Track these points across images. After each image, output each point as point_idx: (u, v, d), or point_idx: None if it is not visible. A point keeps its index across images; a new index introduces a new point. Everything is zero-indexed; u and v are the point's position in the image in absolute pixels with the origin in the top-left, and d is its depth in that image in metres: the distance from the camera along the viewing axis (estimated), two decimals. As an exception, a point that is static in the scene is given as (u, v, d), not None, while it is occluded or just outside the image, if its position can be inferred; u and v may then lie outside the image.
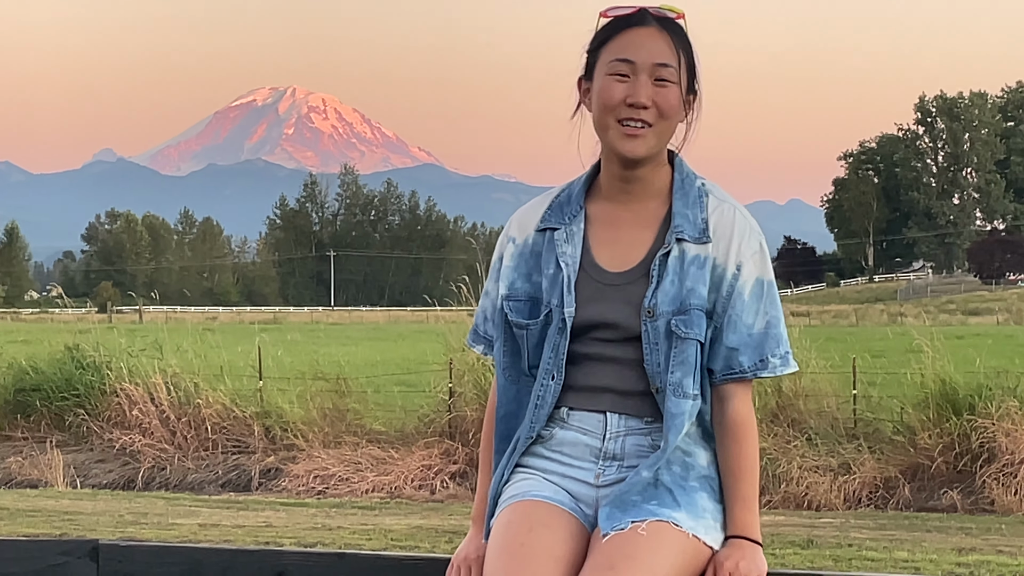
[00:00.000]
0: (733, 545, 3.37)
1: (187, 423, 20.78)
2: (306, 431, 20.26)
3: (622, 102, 3.40)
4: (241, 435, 20.71)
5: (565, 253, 3.46)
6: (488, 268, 3.71)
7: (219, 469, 20.26)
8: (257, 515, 15.24)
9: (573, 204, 3.53)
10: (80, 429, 21.07)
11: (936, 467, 17.70)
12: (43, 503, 16.34)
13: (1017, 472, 17.08)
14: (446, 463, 19.25)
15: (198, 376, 21.50)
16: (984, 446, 17.48)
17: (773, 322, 3.47)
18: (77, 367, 21.87)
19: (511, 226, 3.59)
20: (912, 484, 17.75)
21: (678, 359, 3.38)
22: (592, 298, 3.43)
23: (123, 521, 14.36)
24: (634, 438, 3.43)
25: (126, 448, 20.57)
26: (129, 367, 21.58)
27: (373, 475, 19.15)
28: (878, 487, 17.83)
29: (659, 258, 3.41)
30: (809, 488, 17.62)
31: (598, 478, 3.43)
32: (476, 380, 19.42)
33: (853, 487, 17.72)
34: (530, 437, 3.46)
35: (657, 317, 3.38)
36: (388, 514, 15.70)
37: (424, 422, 20.27)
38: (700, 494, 3.39)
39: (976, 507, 17.02)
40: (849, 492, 17.68)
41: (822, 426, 18.93)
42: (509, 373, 3.54)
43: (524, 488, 3.43)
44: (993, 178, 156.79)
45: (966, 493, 17.35)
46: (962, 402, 17.93)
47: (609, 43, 3.46)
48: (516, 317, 3.49)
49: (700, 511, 3.36)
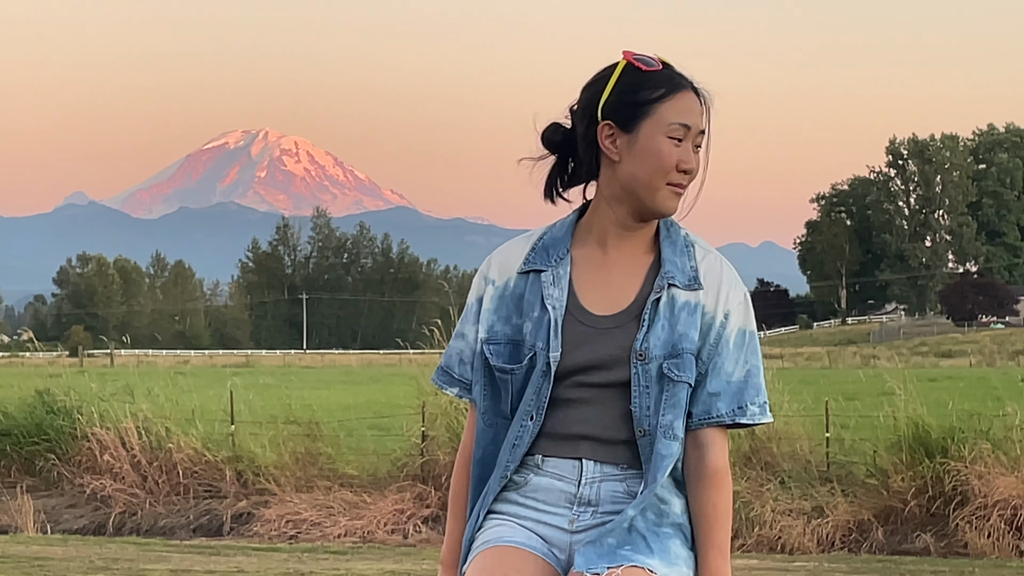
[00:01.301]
0: None
1: (158, 468, 20.73)
2: (278, 475, 20.22)
3: (675, 167, 3.43)
4: (213, 480, 20.66)
5: (552, 296, 3.47)
6: (460, 310, 3.69)
7: (191, 514, 20.20)
8: (229, 560, 15.20)
9: (559, 247, 3.53)
10: (50, 474, 21.00)
11: (909, 510, 17.72)
12: (13, 549, 16.26)
13: (990, 515, 17.11)
14: (419, 507, 19.22)
15: (169, 420, 21.46)
16: (957, 489, 17.51)
17: (753, 371, 3.50)
18: (48, 412, 21.81)
19: (490, 268, 3.58)
20: (885, 527, 17.77)
21: (669, 402, 3.40)
22: (579, 341, 3.44)
23: (93, 567, 14.31)
24: (609, 484, 3.44)
25: (97, 493, 20.50)
26: (100, 412, 21.53)
27: (345, 519, 19.11)
28: (851, 530, 17.84)
29: (651, 303, 3.43)
30: (783, 531, 17.63)
31: (572, 524, 3.44)
32: (449, 424, 19.42)
33: (826, 530, 17.74)
34: (504, 476, 3.47)
35: (649, 360, 3.40)
36: (360, 559, 15.67)
37: (397, 466, 20.24)
38: (674, 541, 3.40)
39: (949, 550, 17.03)
40: (822, 535, 17.69)
41: (795, 469, 18.95)
42: (488, 418, 3.53)
43: (497, 534, 3.43)
44: (965, 220, 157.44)
45: (939, 536, 17.37)
46: (935, 445, 17.96)
47: (666, 101, 3.44)
48: (498, 361, 3.49)
49: (674, 557, 3.37)
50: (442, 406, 19.92)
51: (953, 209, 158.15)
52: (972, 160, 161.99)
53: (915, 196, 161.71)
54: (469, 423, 3.59)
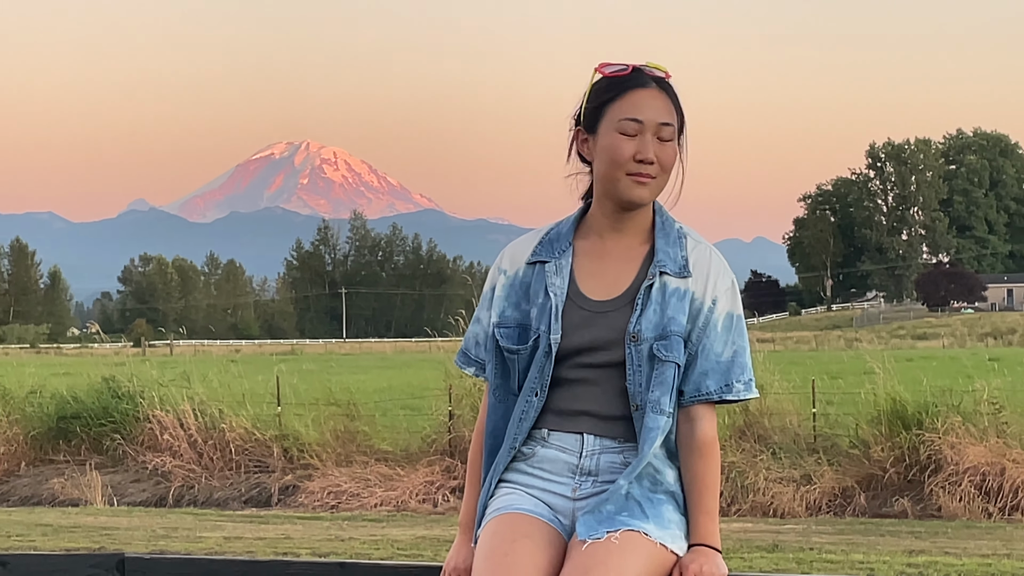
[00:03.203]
0: (697, 551, 3.37)
1: (213, 446, 20.74)
2: (320, 452, 20.23)
3: (631, 158, 3.42)
4: (262, 456, 20.67)
5: (554, 284, 3.47)
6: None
7: (242, 487, 20.21)
8: (276, 528, 15.20)
9: (563, 240, 3.54)
10: (116, 452, 21.03)
11: (888, 477, 17.68)
12: (83, 520, 16.29)
13: (961, 481, 17.07)
14: (447, 479, 19.22)
15: (223, 403, 21.47)
16: (931, 458, 17.47)
17: (740, 352, 3.49)
18: (113, 396, 21.84)
19: (502, 260, 3.60)
20: (867, 493, 17.74)
21: (658, 379, 3.39)
22: (579, 325, 3.43)
23: (155, 535, 14.32)
24: (608, 456, 3.43)
25: (158, 469, 20.52)
26: (160, 396, 21.55)
27: (381, 491, 19.11)
28: (836, 496, 17.81)
29: (643, 289, 3.43)
30: (774, 497, 17.60)
31: (575, 492, 3.43)
32: (473, 404, 19.41)
33: (814, 496, 17.70)
34: (512, 448, 3.47)
35: (641, 342, 3.39)
36: (395, 526, 15.67)
37: (427, 442, 20.24)
38: (666, 506, 3.40)
39: (925, 513, 17.00)
40: (810, 501, 17.66)
41: (785, 441, 18.92)
42: (499, 394, 3.54)
43: (508, 502, 3.43)
44: (937, 216, 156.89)
45: (915, 500, 17.33)
46: (911, 418, 17.93)
47: (616, 102, 3.45)
48: (506, 343, 3.50)
49: (666, 522, 3.37)
50: (467, 388, 19.92)
51: (927, 206, 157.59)
52: (943, 161, 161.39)
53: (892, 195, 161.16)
54: (484, 401, 3.59)
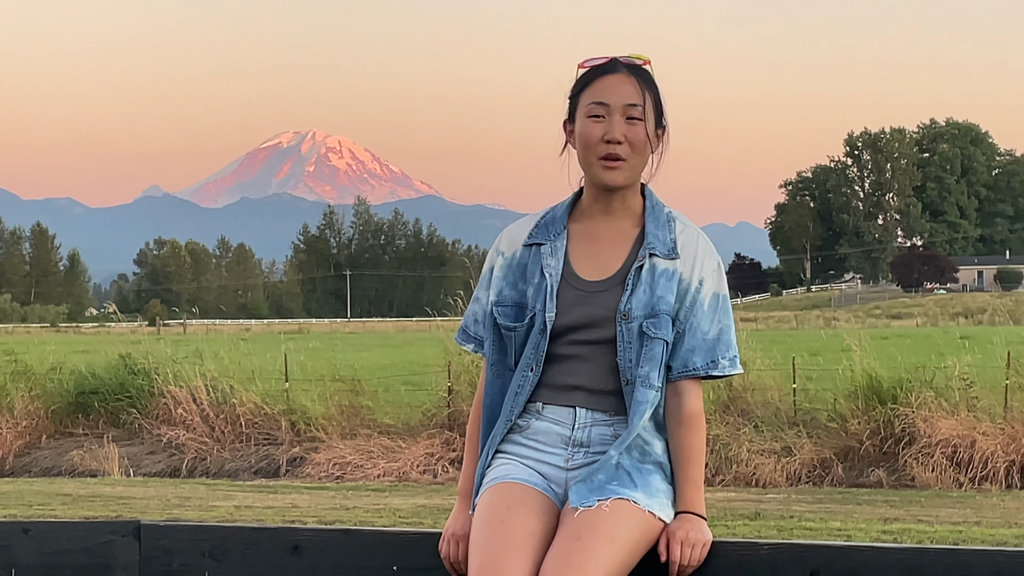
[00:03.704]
0: (683, 519, 3.37)
1: (224, 419, 20.74)
2: (326, 425, 20.24)
3: (600, 140, 3.42)
4: (271, 429, 20.68)
5: (549, 265, 3.47)
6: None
7: (252, 458, 20.23)
8: (284, 498, 15.22)
9: (558, 223, 3.54)
10: (132, 426, 21.04)
11: (864, 449, 17.71)
12: (101, 490, 16.31)
13: (934, 452, 17.09)
14: (446, 451, 19.23)
15: (233, 379, 21.46)
16: (905, 431, 17.49)
17: (725, 330, 3.49)
18: (130, 373, 21.84)
19: (500, 242, 3.60)
20: (844, 464, 17.76)
21: (647, 355, 3.39)
22: (572, 303, 3.43)
23: (169, 504, 14.34)
24: (599, 428, 3.44)
25: (172, 442, 20.53)
26: (174, 372, 21.54)
27: (384, 462, 19.12)
28: (815, 467, 17.83)
29: (634, 270, 3.43)
30: (757, 468, 17.62)
31: (567, 462, 3.44)
32: (471, 380, 19.41)
33: (794, 467, 17.73)
34: (509, 420, 3.47)
35: (631, 320, 3.40)
36: (397, 495, 15.69)
37: (427, 416, 20.25)
38: (655, 476, 3.40)
39: (899, 483, 17.03)
40: (791, 471, 17.68)
41: (767, 415, 18.94)
42: (496, 369, 3.54)
43: (504, 472, 3.43)
44: (912, 202, 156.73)
45: (891, 471, 17.36)
46: (886, 393, 17.94)
47: (586, 90, 3.47)
48: (504, 321, 3.50)
49: (654, 491, 3.37)
50: (465, 365, 19.92)
51: (901, 192, 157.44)
52: (917, 150, 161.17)
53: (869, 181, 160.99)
54: (483, 376, 3.60)
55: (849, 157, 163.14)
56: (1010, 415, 17.53)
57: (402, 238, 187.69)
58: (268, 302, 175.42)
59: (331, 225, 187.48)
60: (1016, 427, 17.20)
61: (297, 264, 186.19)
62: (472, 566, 3.24)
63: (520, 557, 3.22)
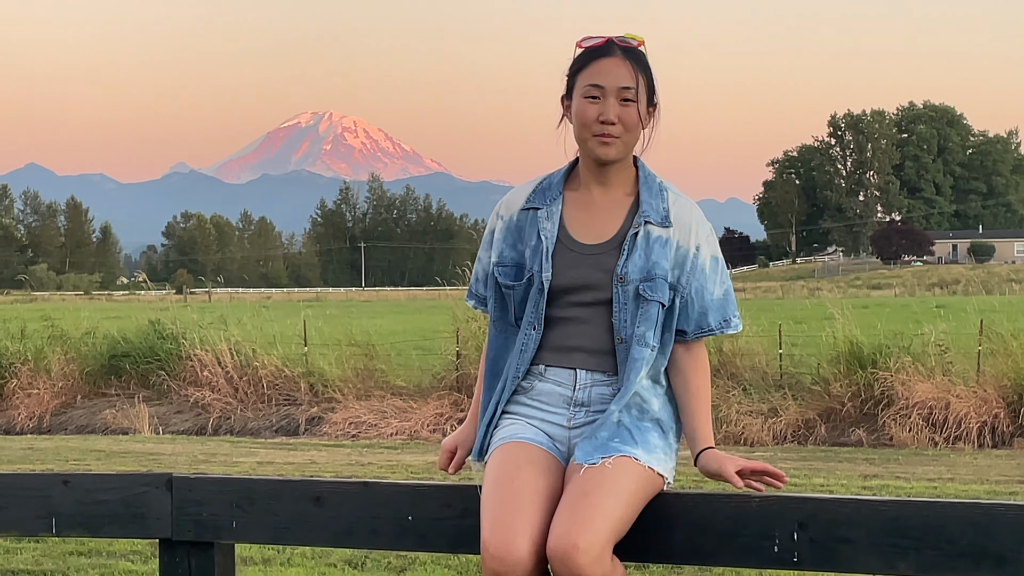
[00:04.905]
0: (712, 453, 3.39)
1: (247, 381, 20.78)
2: (342, 387, 20.28)
3: (595, 119, 3.43)
4: (290, 391, 20.72)
5: (545, 228, 3.48)
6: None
7: (273, 418, 20.27)
8: (303, 454, 15.25)
9: (554, 189, 3.55)
10: (161, 387, 21.08)
11: (846, 410, 17.73)
12: (132, 446, 16.35)
13: (911, 414, 17.12)
14: (455, 411, 19.27)
15: (256, 343, 21.50)
16: (884, 393, 17.51)
17: (728, 290, 3.54)
18: (159, 337, 21.87)
19: (501, 207, 3.61)
20: (827, 424, 17.79)
21: (643, 316, 3.41)
22: (569, 265, 3.45)
23: (196, 460, 14.37)
24: (599, 388, 3.45)
25: (198, 402, 20.58)
26: (200, 337, 21.58)
27: (396, 422, 19.16)
28: (800, 427, 17.86)
29: (630, 236, 3.44)
30: (745, 428, 17.65)
31: (570, 421, 3.45)
32: (477, 345, 19.43)
33: (780, 427, 17.75)
34: (516, 377, 3.49)
35: (627, 283, 3.41)
36: (408, 452, 15.72)
37: (437, 379, 20.28)
38: (652, 433, 3.41)
39: (878, 442, 17.05)
40: (777, 431, 17.71)
41: (755, 379, 18.96)
42: (499, 325, 3.56)
43: (511, 431, 3.45)
44: (891, 179, 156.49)
45: (870, 431, 17.38)
46: (866, 358, 17.96)
47: (583, 71, 3.48)
48: (504, 280, 3.51)
49: (652, 447, 3.38)
50: (472, 331, 19.94)
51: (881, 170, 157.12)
52: (896, 131, 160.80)
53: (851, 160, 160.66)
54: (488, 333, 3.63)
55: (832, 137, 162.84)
56: (982, 379, 17.55)
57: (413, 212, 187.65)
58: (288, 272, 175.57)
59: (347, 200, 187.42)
60: (988, 390, 17.22)
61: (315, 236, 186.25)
62: (485, 523, 3.26)
63: (531, 514, 3.24)
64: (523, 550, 3.19)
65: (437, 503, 3.50)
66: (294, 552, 8.56)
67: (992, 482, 12.06)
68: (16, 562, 8.47)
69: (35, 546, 8.89)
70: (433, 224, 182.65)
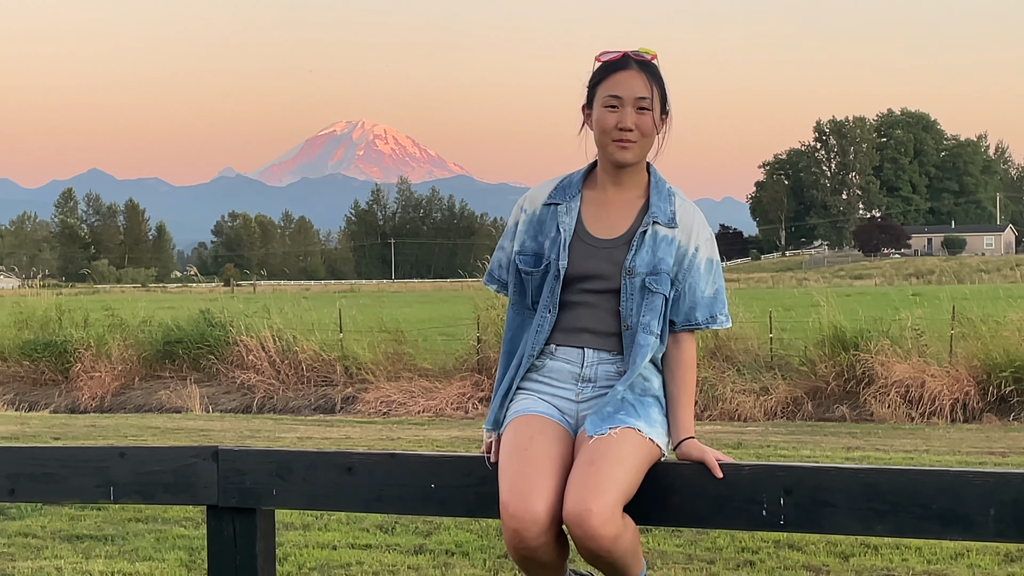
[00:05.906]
0: (694, 442, 3.41)
1: (288, 364, 20.83)
2: (374, 369, 20.31)
3: (615, 126, 3.46)
4: (327, 373, 20.77)
5: (564, 222, 3.51)
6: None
7: (311, 397, 20.32)
8: (339, 430, 15.28)
9: (573, 188, 3.58)
10: (211, 370, 21.16)
11: (830, 389, 17.71)
12: (184, 423, 16.40)
13: (890, 392, 17.09)
14: (476, 391, 19.29)
15: (296, 330, 21.56)
16: (865, 373, 17.49)
17: (719, 290, 3.55)
18: (208, 325, 21.96)
19: (524, 201, 3.64)
20: (813, 401, 17.77)
21: (648, 307, 3.44)
22: (583, 256, 3.47)
23: (242, 436, 14.41)
24: (604, 366, 3.47)
25: (244, 383, 20.64)
26: (246, 325, 21.65)
27: (423, 400, 19.19)
28: (789, 404, 17.84)
29: (639, 233, 3.46)
30: (739, 405, 17.64)
31: (578, 396, 3.47)
32: (497, 331, 19.47)
33: (770, 404, 17.74)
34: (531, 355, 3.51)
35: (635, 275, 3.44)
36: (434, 428, 15.74)
37: (460, 361, 20.31)
38: (653, 408, 3.44)
39: (860, 417, 17.03)
40: (768, 408, 17.70)
41: (748, 360, 18.95)
42: (516, 308, 3.59)
43: (525, 405, 3.47)
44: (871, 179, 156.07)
45: (853, 407, 17.36)
46: (849, 342, 17.94)
47: (603, 82, 3.51)
48: (524, 266, 3.54)
49: (653, 421, 3.41)
50: (492, 319, 19.96)
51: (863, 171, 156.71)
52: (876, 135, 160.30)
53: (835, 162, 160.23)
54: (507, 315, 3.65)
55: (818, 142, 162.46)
56: (954, 360, 17.51)
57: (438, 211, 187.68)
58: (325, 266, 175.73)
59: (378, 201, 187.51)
60: (960, 370, 17.19)
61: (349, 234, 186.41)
62: (503, 488, 3.28)
63: (545, 478, 3.26)
64: (539, 509, 3.22)
65: (457, 473, 3.51)
66: (331, 518, 8.59)
67: (964, 453, 12.03)
68: (80, 527, 8.52)
69: (96, 513, 8.93)
70: (456, 222, 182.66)
